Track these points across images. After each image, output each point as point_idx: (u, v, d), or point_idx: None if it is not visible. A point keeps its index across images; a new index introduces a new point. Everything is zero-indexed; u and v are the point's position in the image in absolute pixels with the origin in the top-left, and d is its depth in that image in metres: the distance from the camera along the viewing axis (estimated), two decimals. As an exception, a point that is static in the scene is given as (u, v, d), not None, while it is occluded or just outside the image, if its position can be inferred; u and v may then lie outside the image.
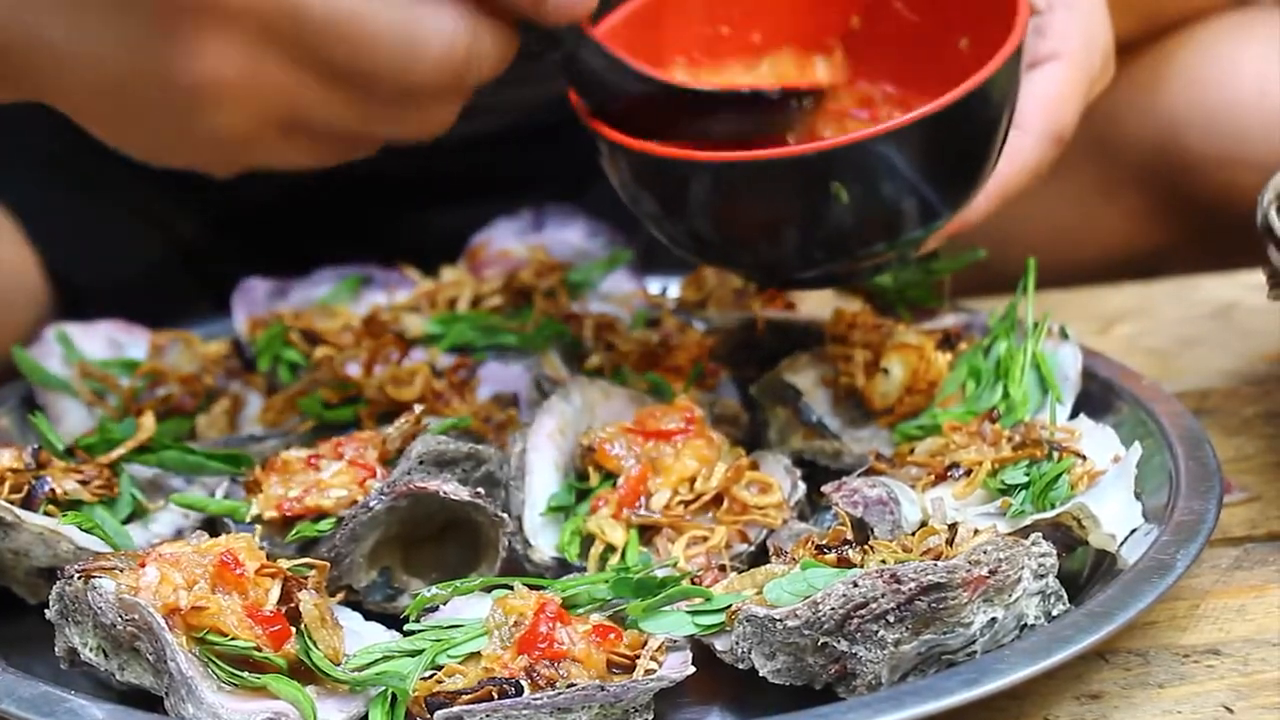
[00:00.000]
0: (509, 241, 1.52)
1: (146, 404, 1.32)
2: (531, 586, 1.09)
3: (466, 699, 1.01)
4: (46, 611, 1.08)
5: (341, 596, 1.15)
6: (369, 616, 1.13)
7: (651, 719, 1.03)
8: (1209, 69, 1.63)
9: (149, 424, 1.26)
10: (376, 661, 1.05)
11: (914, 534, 1.10)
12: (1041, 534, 1.09)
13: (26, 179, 1.65)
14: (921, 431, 1.25)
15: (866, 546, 1.08)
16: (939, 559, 1.05)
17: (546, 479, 1.22)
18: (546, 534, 1.20)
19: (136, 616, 1.03)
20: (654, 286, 1.49)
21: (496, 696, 1.01)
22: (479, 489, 1.17)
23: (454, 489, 1.15)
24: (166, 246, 1.71)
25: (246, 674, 1.03)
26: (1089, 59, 1.25)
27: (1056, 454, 1.17)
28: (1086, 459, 1.17)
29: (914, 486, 1.17)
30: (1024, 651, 1.03)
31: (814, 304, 1.38)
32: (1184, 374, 1.42)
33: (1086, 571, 1.14)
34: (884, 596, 1.02)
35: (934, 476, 1.18)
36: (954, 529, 1.08)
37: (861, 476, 1.18)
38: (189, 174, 1.05)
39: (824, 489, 1.18)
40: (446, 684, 1.03)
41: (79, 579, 1.06)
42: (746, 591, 1.08)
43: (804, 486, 1.22)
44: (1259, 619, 1.12)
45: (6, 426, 1.34)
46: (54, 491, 1.18)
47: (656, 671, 1.04)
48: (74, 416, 1.34)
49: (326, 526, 1.16)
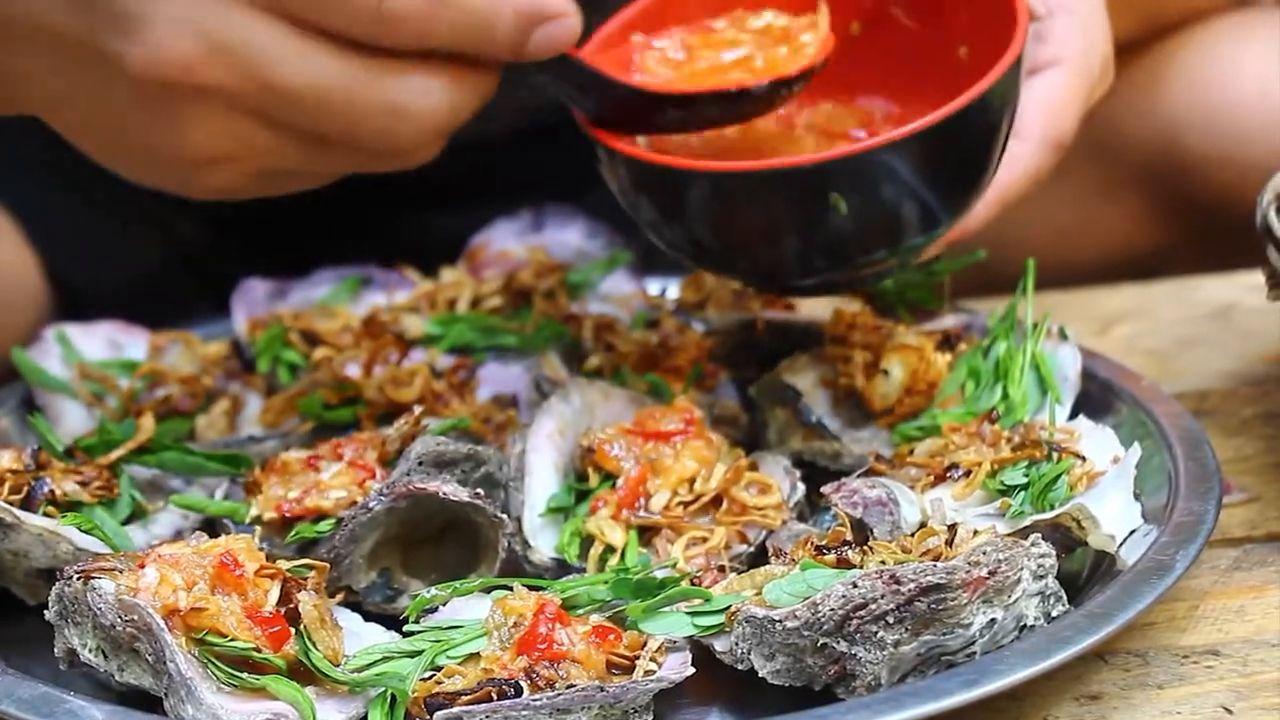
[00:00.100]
0: (508, 242, 1.52)
1: (146, 405, 1.32)
2: (531, 587, 1.09)
3: (466, 700, 1.01)
4: (46, 612, 1.08)
5: (341, 597, 1.15)
6: (368, 617, 1.13)
7: (651, 720, 1.04)
8: (1209, 70, 1.63)
9: (148, 425, 1.26)
10: (376, 662, 1.05)
11: (913, 535, 1.10)
12: (1041, 535, 1.09)
13: (26, 180, 1.65)
14: (921, 432, 1.25)
15: (866, 547, 1.08)
16: (938, 560, 1.05)
17: (546, 480, 1.22)
18: (546, 535, 1.20)
19: (136, 617, 1.03)
20: (653, 287, 1.49)
21: (496, 697, 1.01)
22: (478, 490, 1.17)
23: (453, 490, 1.15)
24: (166, 247, 1.71)
25: (246, 675, 1.03)
26: (1089, 65, 1.25)
27: (1056, 455, 1.17)
28: (1086, 460, 1.17)
29: (913, 487, 1.17)
30: (1023, 652, 1.03)
31: (813, 305, 1.38)
32: (1183, 375, 1.42)
33: (1086, 572, 1.14)
34: (883, 597, 1.02)
35: (933, 477, 1.18)
36: (953, 530, 1.08)
37: (861, 477, 1.18)
38: None
39: (823, 490, 1.18)
40: (446, 685, 1.03)
41: (78, 580, 1.06)
42: (746, 592, 1.08)
43: (803, 487, 1.22)
44: (1258, 620, 1.12)
45: (6, 427, 1.34)
46: (53, 492, 1.18)
47: (656, 672, 1.04)
48: (73, 417, 1.34)
49: (326, 527, 1.16)
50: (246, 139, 1.01)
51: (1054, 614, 1.06)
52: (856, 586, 1.02)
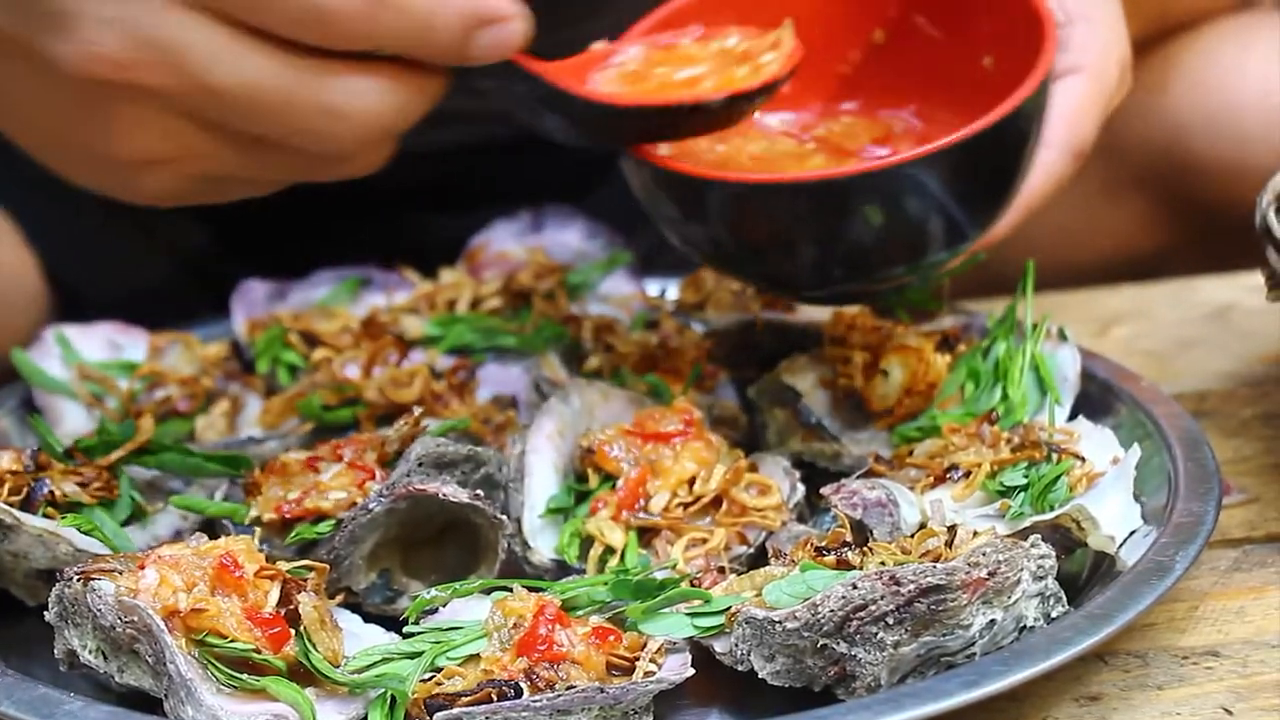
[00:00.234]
0: (508, 243, 1.52)
1: (145, 406, 1.32)
2: (531, 588, 1.09)
3: (466, 701, 1.01)
4: (46, 614, 1.08)
5: (341, 598, 1.15)
6: (368, 618, 1.13)
7: (650, 721, 1.04)
8: (1213, 72, 1.63)
9: (148, 426, 1.26)
10: (376, 663, 1.05)
11: (913, 536, 1.10)
12: (1040, 536, 1.09)
13: (25, 181, 1.64)
14: (920, 433, 1.25)
15: (866, 548, 1.08)
16: (938, 561, 1.05)
17: (545, 481, 1.22)
18: (545, 536, 1.20)
19: (136, 618, 1.03)
20: (653, 288, 1.49)
21: (496, 699, 1.01)
22: (478, 491, 1.17)
23: (453, 491, 1.15)
24: (166, 248, 1.71)
25: (246, 676, 1.03)
26: (1107, 72, 1.25)
27: (1055, 456, 1.17)
28: (1085, 461, 1.17)
29: (913, 488, 1.17)
30: (1023, 653, 1.03)
31: (813, 306, 1.38)
32: (1182, 376, 1.42)
33: (1085, 573, 1.14)
34: (883, 598, 1.02)
35: (933, 478, 1.18)
36: (953, 531, 1.08)
37: (860, 478, 1.18)
38: None
39: (823, 491, 1.18)
40: (446, 686, 1.03)
41: (78, 581, 1.06)
42: (746, 593, 1.08)
43: (803, 488, 1.22)
44: (1258, 620, 1.12)
45: (6, 428, 1.34)
46: (53, 493, 1.18)
47: (656, 673, 1.04)
48: (73, 418, 1.34)
49: (326, 528, 1.16)
50: (182, 140, 0.99)
51: (1054, 615, 1.06)
52: (856, 588, 1.02)
